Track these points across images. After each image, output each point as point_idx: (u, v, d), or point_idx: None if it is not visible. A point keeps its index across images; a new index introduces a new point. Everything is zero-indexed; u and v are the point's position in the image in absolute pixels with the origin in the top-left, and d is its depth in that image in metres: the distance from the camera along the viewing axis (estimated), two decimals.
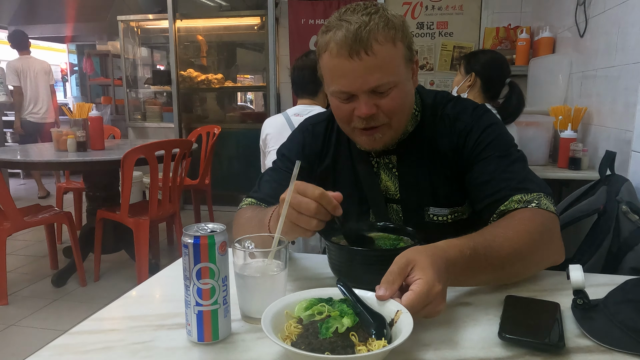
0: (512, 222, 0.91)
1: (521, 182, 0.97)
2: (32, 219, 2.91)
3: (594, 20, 2.60)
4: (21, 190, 6.31)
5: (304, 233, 0.83)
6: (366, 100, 0.96)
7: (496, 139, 1.03)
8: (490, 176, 1.00)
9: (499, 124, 1.07)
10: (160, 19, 5.10)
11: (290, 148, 1.21)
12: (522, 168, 1.01)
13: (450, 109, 1.09)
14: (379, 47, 0.92)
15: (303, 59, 2.38)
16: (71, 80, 8.77)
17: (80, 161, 2.88)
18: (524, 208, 0.93)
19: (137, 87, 5.50)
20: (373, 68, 0.92)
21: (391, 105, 0.97)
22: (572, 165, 2.45)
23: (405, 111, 1.03)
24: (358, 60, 0.92)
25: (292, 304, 0.71)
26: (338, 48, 0.92)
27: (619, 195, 1.43)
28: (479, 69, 2.31)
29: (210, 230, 0.69)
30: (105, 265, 3.27)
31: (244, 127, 5.17)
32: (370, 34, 0.91)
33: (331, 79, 0.98)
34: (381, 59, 0.92)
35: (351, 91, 0.96)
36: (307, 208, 0.79)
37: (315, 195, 0.79)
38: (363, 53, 0.91)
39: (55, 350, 0.69)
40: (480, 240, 0.83)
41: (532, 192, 0.96)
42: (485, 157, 1.02)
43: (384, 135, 1.02)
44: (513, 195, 0.95)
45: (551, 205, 0.95)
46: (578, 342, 0.70)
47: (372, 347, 0.62)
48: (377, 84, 0.94)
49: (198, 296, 0.68)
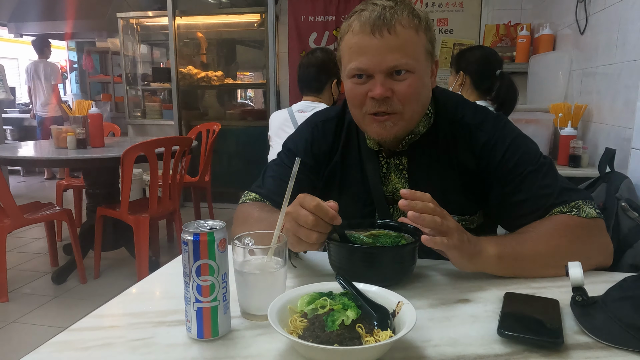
0: (543, 224, 0.95)
1: (559, 195, 0.97)
2: (32, 216, 2.91)
3: (594, 17, 2.60)
4: (21, 188, 6.31)
5: (309, 247, 0.84)
6: (382, 80, 0.95)
7: (524, 152, 1.02)
8: (526, 195, 0.99)
9: (521, 134, 1.06)
10: (159, 16, 5.09)
11: (297, 143, 1.18)
12: (555, 178, 1.00)
13: (470, 117, 1.06)
14: (402, 29, 0.93)
15: (309, 57, 2.38)
16: (71, 77, 8.75)
17: (80, 158, 2.87)
18: (560, 214, 0.95)
19: (136, 85, 5.50)
20: (393, 47, 0.92)
21: (406, 92, 0.96)
22: (572, 162, 2.45)
23: (420, 103, 1.01)
24: (379, 38, 0.92)
25: (294, 299, 0.71)
26: (361, 25, 0.94)
27: (618, 192, 1.43)
28: (466, 66, 2.31)
29: (210, 227, 0.69)
30: (105, 263, 3.27)
31: (243, 124, 5.17)
32: (395, 15, 0.92)
33: (349, 58, 0.97)
34: (402, 40, 0.93)
35: (368, 69, 0.95)
36: (305, 221, 0.80)
37: (312, 207, 0.79)
38: (385, 31, 0.92)
39: (55, 347, 0.69)
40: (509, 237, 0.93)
41: (570, 201, 0.96)
42: (518, 174, 1.00)
43: (395, 124, 0.99)
44: (553, 209, 0.96)
45: (592, 211, 0.95)
46: (577, 339, 0.70)
47: (380, 338, 0.63)
48: (395, 64, 0.93)
49: (198, 293, 0.68)
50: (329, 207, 0.80)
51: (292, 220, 0.81)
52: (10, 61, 11.26)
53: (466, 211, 1.08)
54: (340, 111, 1.16)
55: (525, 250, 0.91)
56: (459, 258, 0.86)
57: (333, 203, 0.81)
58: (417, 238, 0.89)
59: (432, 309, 0.80)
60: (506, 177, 1.01)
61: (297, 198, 0.82)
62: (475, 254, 0.87)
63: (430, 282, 0.91)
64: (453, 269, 0.95)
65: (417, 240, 0.88)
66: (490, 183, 1.04)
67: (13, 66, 11.39)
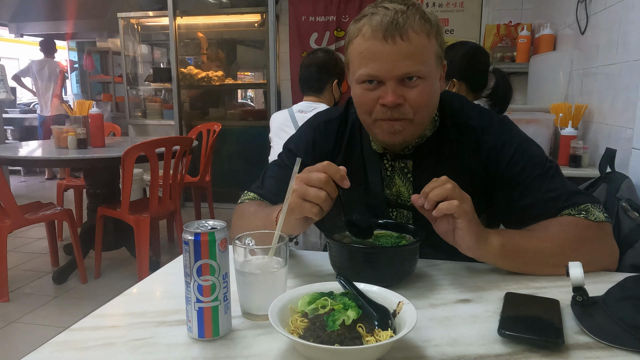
0: (552, 223, 0.95)
1: (568, 198, 0.97)
2: (32, 216, 2.92)
3: (595, 17, 2.60)
4: (22, 188, 6.31)
5: (310, 211, 0.82)
6: (394, 87, 0.93)
7: (531, 156, 1.01)
8: (534, 198, 0.99)
9: (527, 138, 1.06)
10: (160, 16, 5.09)
11: (298, 144, 1.17)
12: (562, 182, 1.00)
13: (476, 120, 1.05)
14: (415, 36, 0.91)
15: (310, 57, 2.39)
16: (71, 77, 8.76)
17: (81, 158, 2.87)
18: (569, 216, 0.95)
19: (137, 85, 5.50)
20: (406, 54, 0.91)
21: (418, 99, 0.95)
22: (573, 162, 2.45)
23: (430, 109, 1.01)
24: (392, 44, 0.90)
25: (294, 299, 0.71)
26: (373, 30, 0.91)
27: (619, 192, 1.43)
28: (456, 73, 2.08)
29: (211, 227, 0.69)
30: (106, 263, 3.27)
31: (244, 124, 5.17)
32: (408, 21, 0.90)
33: (359, 63, 0.95)
34: (415, 46, 0.91)
35: (380, 75, 0.93)
36: (317, 179, 0.81)
37: (323, 165, 0.81)
38: (398, 38, 0.90)
39: (56, 347, 0.69)
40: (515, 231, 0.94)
41: (580, 204, 0.96)
42: (525, 178, 1.00)
43: (404, 129, 0.98)
44: (562, 212, 0.96)
45: (600, 214, 0.95)
46: (577, 339, 0.70)
47: (380, 338, 0.63)
48: (407, 71, 0.92)
49: (199, 293, 0.68)
50: (338, 167, 0.82)
51: (301, 182, 0.82)
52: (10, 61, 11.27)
53: None
54: (343, 112, 1.15)
55: (529, 245, 0.92)
56: (467, 233, 0.85)
57: (342, 167, 0.83)
58: (418, 238, 0.89)
59: (432, 309, 0.80)
60: (513, 181, 1.01)
61: (305, 169, 0.84)
62: (481, 236, 0.87)
63: (430, 282, 0.91)
64: (454, 270, 0.96)
65: (418, 241, 0.88)
66: (497, 187, 1.04)
67: (13, 66, 11.40)
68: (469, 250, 0.87)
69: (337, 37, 4.63)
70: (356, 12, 4.61)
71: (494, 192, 1.04)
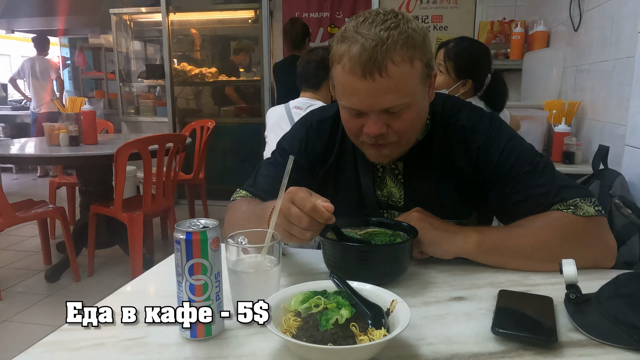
0: (537, 219, 0.95)
1: (557, 193, 0.96)
2: (24, 214, 2.89)
3: (588, 14, 2.61)
4: (14, 185, 6.26)
5: (299, 242, 0.83)
6: (376, 119, 0.92)
7: (520, 152, 1.01)
8: (523, 195, 0.98)
9: (516, 134, 1.05)
10: (153, 12, 5.05)
11: (291, 143, 1.17)
12: (552, 177, 0.99)
13: (465, 120, 1.05)
14: (395, 68, 0.87)
15: (309, 54, 2.39)
16: (64, 74, 8.68)
17: (73, 156, 2.86)
18: (556, 211, 0.95)
19: (130, 81, 5.46)
20: (386, 90, 0.88)
21: (402, 125, 0.94)
22: (566, 159, 2.46)
23: (416, 129, 1.01)
24: (371, 81, 0.87)
25: (287, 298, 0.71)
26: (351, 65, 0.88)
27: (612, 189, 1.44)
28: (470, 74, 2.12)
29: (203, 225, 0.69)
30: (99, 261, 3.25)
31: (238, 121, 5.15)
32: (387, 53, 0.86)
33: (342, 94, 0.94)
34: (395, 80, 0.88)
35: (361, 109, 0.93)
36: (299, 221, 0.79)
37: (307, 209, 0.78)
38: (377, 74, 0.86)
39: (46, 347, 0.69)
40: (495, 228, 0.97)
41: (568, 199, 0.95)
42: (514, 175, 0.99)
43: (391, 152, 0.99)
44: (551, 208, 0.96)
45: (590, 208, 0.94)
46: (571, 336, 0.70)
47: (374, 337, 0.63)
48: (389, 106, 0.91)
49: (191, 292, 0.68)
50: (324, 209, 0.78)
51: (284, 217, 0.81)
52: (1, 57, 11.17)
53: (461, 215, 1.09)
54: (337, 112, 1.14)
55: (509, 241, 0.93)
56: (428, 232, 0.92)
57: (328, 204, 0.80)
58: (412, 236, 0.89)
59: (426, 307, 0.80)
60: (503, 179, 1.01)
61: (287, 192, 0.81)
62: (450, 233, 0.94)
63: (424, 280, 0.91)
64: (447, 267, 0.95)
65: (411, 239, 0.88)
66: (488, 185, 1.03)
67: (5, 63, 11.30)
68: (432, 247, 0.93)
69: (331, 33, 4.62)
70: (350, 8, 4.60)
71: (486, 190, 1.04)
